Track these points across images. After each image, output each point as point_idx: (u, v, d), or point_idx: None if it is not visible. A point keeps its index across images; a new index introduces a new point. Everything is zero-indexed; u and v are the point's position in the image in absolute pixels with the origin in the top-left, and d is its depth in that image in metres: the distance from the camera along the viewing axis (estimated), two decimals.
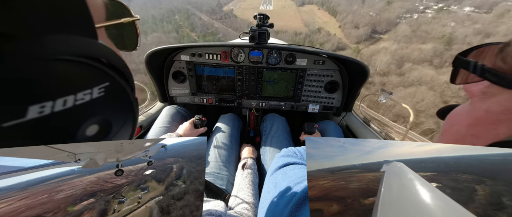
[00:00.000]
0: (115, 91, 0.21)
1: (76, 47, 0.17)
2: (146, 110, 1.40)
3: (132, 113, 0.25)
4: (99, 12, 0.23)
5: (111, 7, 0.25)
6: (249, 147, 1.18)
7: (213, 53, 1.23)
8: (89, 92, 0.18)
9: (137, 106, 0.26)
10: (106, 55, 0.20)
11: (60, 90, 0.16)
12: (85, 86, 0.18)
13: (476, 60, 0.26)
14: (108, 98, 0.21)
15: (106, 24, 0.24)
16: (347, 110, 1.37)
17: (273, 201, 0.49)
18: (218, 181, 0.93)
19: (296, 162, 0.58)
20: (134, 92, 0.25)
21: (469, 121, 0.27)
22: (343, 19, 78.76)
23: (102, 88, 0.20)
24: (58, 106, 0.16)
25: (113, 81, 0.21)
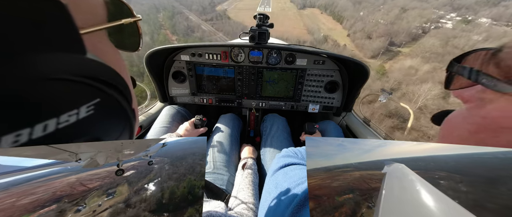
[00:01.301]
0: (108, 106, 0.20)
1: (58, 65, 0.15)
2: (146, 110, 1.40)
3: (129, 125, 0.23)
4: (99, 13, 0.22)
5: (111, 7, 0.24)
6: (249, 147, 1.18)
7: (213, 53, 1.23)
8: (75, 113, 0.17)
9: (135, 116, 0.24)
10: (96, 70, 0.18)
11: (39, 115, 0.15)
12: (70, 106, 0.16)
13: (471, 66, 0.26)
14: (99, 115, 0.19)
15: (106, 26, 0.22)
16: (347, 110, 1.37)
17: (274, 202, 0.49)
18: (218, 181, 0.93)
19: (297, 162, 0.58)
20: (132, 102, 0.23)
21: (469, 127, 0.27)
22: (352, 26, 69.86)
23: (91, 106, 0.18)
24: (37, 132, 0.14)
25: (105, 97, 0.19)
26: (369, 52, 54.16)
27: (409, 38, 58.25)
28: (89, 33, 0.20)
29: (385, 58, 50.28)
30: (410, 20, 66.69)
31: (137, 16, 0.27)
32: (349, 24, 72.65)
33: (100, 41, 0.23)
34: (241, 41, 1.40)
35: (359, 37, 62.45)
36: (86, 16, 0.20)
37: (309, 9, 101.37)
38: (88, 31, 0.19)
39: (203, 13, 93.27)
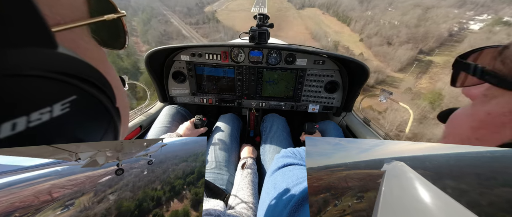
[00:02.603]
0: (86, 104, 0.18)
1: (25, 61, 0.14)
2: (146, 110, 1.41)
3: (113, 125, 0.22)
4: (79, 8, 0.21)
5: (93, 2, 0.22)
6: (249, 147, 1.18)
7: (213, 53, 1.23)
8: (48, 110, 0.16)
9: (120, 116, 0.23)
10: (71, 66, 0.17)
11: (5, 113, 0.14)
12: (41, 104, 0.15)
13: (476, 63, 0.26)
14: (77, 114, 0.18)
15: (87, 22, 0.21)
16: (347, 110, 1.37)
17: (272, 202, 0.49)
18: (218, 181, 0.93)
19: (296, 162, 0.58)
20: (115, 100, 0.22)
21: (472, 124, 0.27)
22: (363, 29, 56.43)
23: (66, 104, 0.17)
24: (4, 131, 0.14)
25: (82, 94, 0.18)
26: (395, 63, 41.86)
27: (437, 43, 47.16)
28: (69, 29, 0.19)
29: (417, 71, 39.44)
30: (437, 21, 52.91)
31: (121, 12, 0.25)
32: (359, 26, 59.07)
33: (81, 38, 0.21)
34: (241, 41, 1.40)
35: (377, 43, 49.99)
36: (65, 11, 0.19)
37: (309, 9, 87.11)
38: (67, 27, 0.18)
39: (188, 15, 78.06)
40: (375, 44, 50.46)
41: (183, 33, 65.54)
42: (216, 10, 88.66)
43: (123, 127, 0.26)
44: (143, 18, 72.40)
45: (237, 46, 1.21)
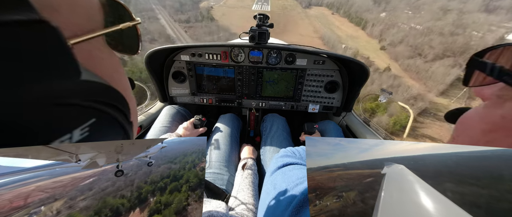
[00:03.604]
0: (104, 125, 0.19)
1: (51, 91, 0.14)
2: (146, 110, 1.40)
3: (126, 137, 0.22)
4: (95, 18, 0.20)
5: (109, 10, 0.22)
6: (249, 147, 1.18)
7: (213, 53, 1.23)
8: (68, 137, 0.16)
9: (133, 129, 0.23)
10: (92, 91, 0.17)
11: (28, 144, 0.14)
12: (61, 132, 0.15)
13: (493, 62, 0.25)
14: (95, 135, 0.18)
15: (103, 32, 0.20)
16: (347, 110, 1.37)
17: (272, 202, 0.49)
18: (218, 181, 0.93)
19: (295, 162, 0.58)
20: (130, 115, 0.22)
21: (484, 127, 0.26)
22: (382, 34, 44.43)
23: (85, 128, 0.17)
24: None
25: (101, 115, 0.18)
26: (434, 83, 30.07)
27: None
28: (85, 41, 0.18)
29: (465, 96, 28.17)
30: (477, 29, 40.96)
31: (136, 20, 0.25)
32: (377, 30, 46.74)
33: (97, 48, 0.21)
34: (241, 41, 1.40)
35: (405, 54, 37.73)
36: (82, 22, 0.18)
37: (316, 8, 76.27)
38: (84, 39, 0.18)
39: (180, 11, 63.60)
40: (402, 55, 37.63)
41: (167, 33, 54.82)
42: (212, 6, 74.55)
43: (133, 133, 0.26)
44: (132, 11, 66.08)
45: (237, 46, 1.21)
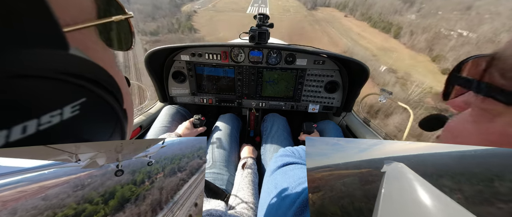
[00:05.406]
0: (95, 106, 0.18)
1: (36, 62, 0.14)
2: (146, 110, 1.41)
3: (119, 126, 0.22)
4: (88, 10, 0.20)
5: (101, 3, 0.22)
6: (249, 147, 1.19)
7: (213, 53, 1.23)
8: (59, 113, 0.15)
9: (127, 117, 0.23)
10: (81, 67, 0.17)
11: (16, 115, 0.13)
12: (52, 106, 0.15)
13: (472, 76, 0.24)
14: (86, 116, 0.18)
15: (95, 23, 0.21)
16: (347, 110, 1.37)
17: (274, 202, 0.49)
18: (217, 181, 0.93)
19: (295, 162, 0.58)
20: (122, 102, 0.22)
21: (482, 143, 0.23)
22: (433, 45, 31.51)
23: (76, 106, 0.16)
24: (14, 134, 0.13)
25: (92, 96, 0.18)
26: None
27: None
28: (78, 30, 0.18)
29: None
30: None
31: (128, 13, 0.26)
32: (422, 40, 32.66)
33: (90, 39, 0.21)
34: (241, 41, 1.40)
35: None
36: (74, 12, 0.19)
37: (323, 9, 61.20)
38: (76, 28, 0.18)
39: (150, 17, 46.52)
40: None
41: None
42: (196, 11, 57.17)
43: (129, 128, 0.26)
44: None
45: (237, 46, 1.21)
